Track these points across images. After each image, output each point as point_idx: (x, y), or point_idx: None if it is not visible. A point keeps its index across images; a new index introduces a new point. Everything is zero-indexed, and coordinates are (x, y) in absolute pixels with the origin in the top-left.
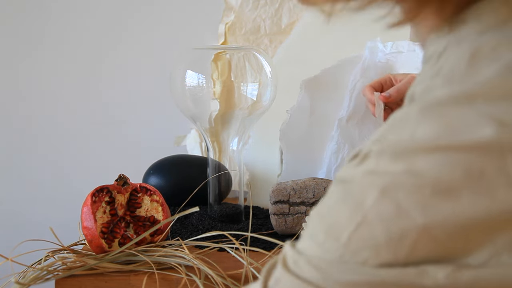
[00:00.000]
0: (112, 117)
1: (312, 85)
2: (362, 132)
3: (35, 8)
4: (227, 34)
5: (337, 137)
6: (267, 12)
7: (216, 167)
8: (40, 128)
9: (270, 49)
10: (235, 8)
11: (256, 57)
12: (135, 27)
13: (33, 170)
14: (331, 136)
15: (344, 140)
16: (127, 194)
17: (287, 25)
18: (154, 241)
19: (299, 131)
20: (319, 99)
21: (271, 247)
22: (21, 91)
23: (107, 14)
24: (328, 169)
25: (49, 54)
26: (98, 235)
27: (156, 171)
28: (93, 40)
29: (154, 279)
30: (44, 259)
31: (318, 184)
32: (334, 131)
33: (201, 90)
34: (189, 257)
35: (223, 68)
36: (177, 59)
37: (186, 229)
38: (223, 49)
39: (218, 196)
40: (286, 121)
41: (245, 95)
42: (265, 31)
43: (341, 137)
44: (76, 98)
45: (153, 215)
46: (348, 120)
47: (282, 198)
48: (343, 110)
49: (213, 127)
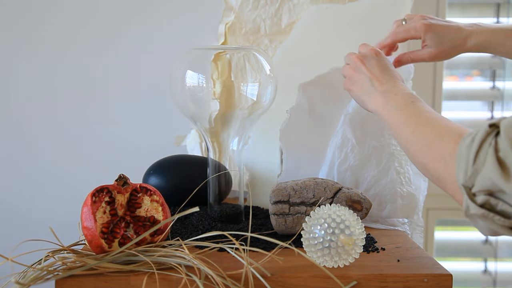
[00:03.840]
0: (112, 117)
1: (309, 88)
2: (366, 130)
3: (35, 8)
4: (227, 34)
5: (341, 133)
6: (267, 12)
7: (216, 167)
8: (40, 128)
9: (270, 49)
10: (235, 8)
11: (256, 57)
12: (135, 27)
13: (33, 170)
14: (335, 131)
15: (348, 135)
16: (127, 194)
17: (287, 25)
18: (154, 241)
19: (299, 131)
20: (317, 101)
21: (271, 247)
22: (21, 91)
23: (107, 14)
24: (331, 163)
25: (49, 54)
26: (98, 235)
27: (156, 171)
28: (93, 40)
29: (154, 279)
30: (44, 259)
31: (318, 184)
32: (339, 127)
33: (201, 90)
34: (189, 257)
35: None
36: (177, 59)
37: (186, 229)
38: (223, 49)
39: (218, 196)
40: (286, 121)
41: (245, 95)
42: (265, 31)
43: (346, 133)
44: (76, 98)
45: (153, 215)
46: (352, 118)
47: (282, 198)
48: (349, 107)
49: (213, 127)
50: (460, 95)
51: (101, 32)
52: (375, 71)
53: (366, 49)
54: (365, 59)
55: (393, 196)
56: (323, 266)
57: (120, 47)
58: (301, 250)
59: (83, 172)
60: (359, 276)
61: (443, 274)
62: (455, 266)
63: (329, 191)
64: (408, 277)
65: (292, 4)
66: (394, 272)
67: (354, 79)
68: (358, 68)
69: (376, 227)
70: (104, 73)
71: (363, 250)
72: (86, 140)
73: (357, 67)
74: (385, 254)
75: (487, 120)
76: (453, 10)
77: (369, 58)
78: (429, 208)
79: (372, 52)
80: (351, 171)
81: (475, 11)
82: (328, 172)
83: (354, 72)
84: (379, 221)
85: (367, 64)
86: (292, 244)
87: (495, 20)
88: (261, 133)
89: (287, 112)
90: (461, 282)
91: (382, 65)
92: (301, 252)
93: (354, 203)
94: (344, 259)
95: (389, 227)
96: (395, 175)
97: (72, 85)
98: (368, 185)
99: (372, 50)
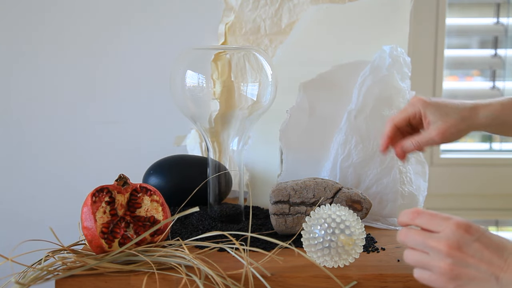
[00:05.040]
0: (112, 117)
1: (310, 87)
2: (369, 127)
3: (35, 8)
4: (227, 34)
5: (345, 129)
6: (267, 12)
7: (216, 167)
8: (40, 128)
9: (270, 49)
10: (235, 8)
11: (256, 57)
12: (135, 27)
13: (33, 170)
14: (339, 128)
15: (352, 132)
16: (127, 194)
17: (287, 25)
18: (154, 241)
19: (299, 131)
20: (318, 101)
21: (271, 247)
22: (21, 91)
23: (107, 14)
24: (335, 160)
25: (49, 54)
26: (98, 235)
27: (156, 171)
28: (93, 39)
29: (154, 279)
30: (44, 259)
31: (318, 184)
32: (342, 123)
33: (201, 90)
34: (189, 257)
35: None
36: (177, 59)
37: (186, 229)
38: (223, 49)
39: (218, 196)
40: (286, 121)
41: (245, 95)
42: (265, 31)
43: (349, 130)
44: (76, 98)
45: (153, 215)
46: (357, 115)
47: (282, 198)
48: (352, 103)
49: (213, 127)
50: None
51: (101, 32)
52: (490, 259)
53: (447, 229)
54: (463, 246)
55: (395, 195)
56: (323, 266)
57: (120, 47)
58: (301, 250)
59: (83, 172)
60: (359, 276)
61: None
62: None
63: (329, 191)
64: (408, 277)
65: (292, 4)
66: (394, 272)
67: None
68: (459, 262)
69: (377, 226)
70: (104, 73)
71: (363, 250)
72: (86, 140)
73: (456, 262)
74: (385, 254)
75: None
76: (453, 10)
77: (467, 244)
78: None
79: (461, 233)
80: (354, 168)
81: (475, 11)
82: (332, 168)
83: (454, 267)
84: (380, 220)
85: (469, 251)
86: (292, 244)
87: (495, 20)
88: (261, 133)
89: (287, 112)
90: None
91: (488, 244)
92: (301, 252)
93: (354, 203)
94: (344, 259)
95: (390, 227)
96: (398, 174)
97: (72, 85)
98: (370, 183)
99: (459, 230)
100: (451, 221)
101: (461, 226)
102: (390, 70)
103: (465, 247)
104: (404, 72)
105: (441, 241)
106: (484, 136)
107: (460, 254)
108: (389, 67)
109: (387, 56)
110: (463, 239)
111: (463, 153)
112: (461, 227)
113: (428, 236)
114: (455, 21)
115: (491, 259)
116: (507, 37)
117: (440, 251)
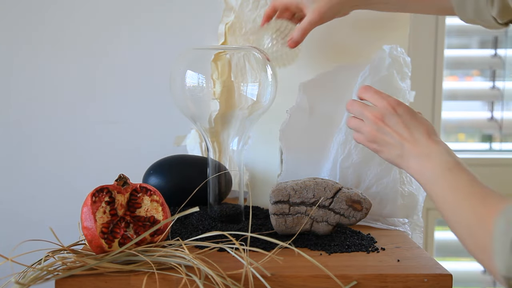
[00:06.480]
0: (112, 117)
1: (310, 87)
2: None
3: (35, 8)
4: (227, 34)
5: (345, 129)
6: None
7: (216, 167)
8: (40, 128)
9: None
10: (235, 8)
11: (256, 57)
12: (135, 27)
13: (33, 170)
14: (339, 128)
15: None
16: (127, 194)
17: None
18: (154, 241)
19: (299, 131)
20: (318, 100)
21: (271, 247)
22: (21, 91)
23: (107, 14)
24: (335, 160)
25: (49, 54)
26: (98, 235)
27: (156, 171)
28: (93, 39)
29: (154, 279)
30: (44, 259)
31: (318, 184)
32: (342, 123)
33: (201, 90)
34: (189, 257)
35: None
36: (177, 59)
37: (186, 229)
38: (223, 49)
39: (218, 196)
40: (286, 121)
41: (245, 95)
42: None
43: (349, 130)
44: (76, 98)
45: (153, 215)
46: None
47: (282, 198)
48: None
49: (213, 127)
50: (460, 95)
51: (101, 32)
52: (403, 132)
53: (380, 104)
54: (385, 118)
55: (394, 195)
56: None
57: (120, 47)
58: (301, 250)
59: (83, 172)
60: (359, 276)
61: (443, 274)
62: (455, 266)
63: (329, 191)
64: (408, 277)
65: None
66: (394, 272)
67: (378, 141)
68: (380, 129)
69: (376, 226)
70: (104, 73)
71: (363, 250)
72: (86, 140)
73: (378, 128)
74: (385, 254)
75: (487, 120)
76: None
77: (389, 117)
78: (429, 208)
79: (389, 108)
80: (354, 168)
81: None
82: (332, 168)
83: (376, 133)
84: (380, 220)
85: (389, 123)
86: (292, 244)
87: None
88: (261, 133)
89: (287, 112)
90: (461, 282)
91: (406, 121)
92: (301, 252)
93: (354, 203)
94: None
95: (390, 227)
96: (397, 174)
97: (72, 85)
98: (370, 183)
99: (388, 106)
100: (386, 99)
101: (391, 104)
102: (390, 70)
103: (387, 119)
104: (404, 72)
105: (373, 112)
106: (484, 136)
107: (382, 124)
108: (389, 67)
109: (387, 56)
110: (388, 113)
111: (463, 153)
112: (391, 104)
113: (365, 107)
114: (455, 21)
115: (403, 133)
116: (507, 37)
117: (369, 119)
